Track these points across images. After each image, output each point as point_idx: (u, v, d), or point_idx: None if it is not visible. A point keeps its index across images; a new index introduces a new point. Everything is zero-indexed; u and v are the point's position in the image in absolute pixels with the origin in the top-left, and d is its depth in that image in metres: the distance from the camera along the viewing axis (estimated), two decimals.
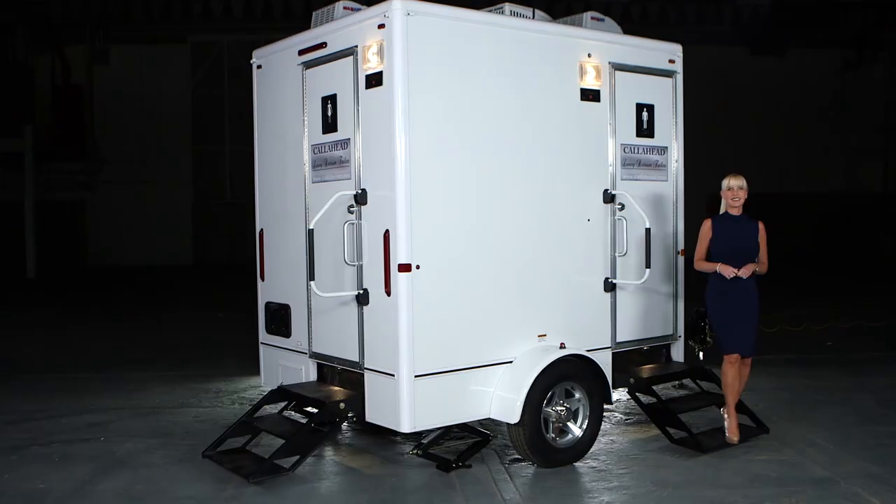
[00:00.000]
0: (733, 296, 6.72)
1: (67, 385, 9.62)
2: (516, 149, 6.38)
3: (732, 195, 6.72)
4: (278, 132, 7.14)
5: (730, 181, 6.74)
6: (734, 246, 6.72)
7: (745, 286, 6.72)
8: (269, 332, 7.31)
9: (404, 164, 5.81)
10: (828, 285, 20.87)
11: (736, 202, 6.73)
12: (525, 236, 6.44)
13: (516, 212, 6.37)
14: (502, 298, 6.31)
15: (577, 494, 5.80)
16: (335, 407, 6.13)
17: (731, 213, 6.78)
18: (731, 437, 6.76)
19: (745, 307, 6.75)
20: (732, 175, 6.75)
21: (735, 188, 6.70)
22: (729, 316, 6.76)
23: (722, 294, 6.75)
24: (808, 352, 11.49)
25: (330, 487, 6.00)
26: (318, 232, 6.29)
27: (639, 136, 7.17)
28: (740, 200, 6.72)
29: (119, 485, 6.06)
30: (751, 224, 6.80)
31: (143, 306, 18.06)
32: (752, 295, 6.80)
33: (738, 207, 6.75)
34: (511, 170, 6.36)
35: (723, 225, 6.79)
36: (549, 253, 6.57)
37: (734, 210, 6.77)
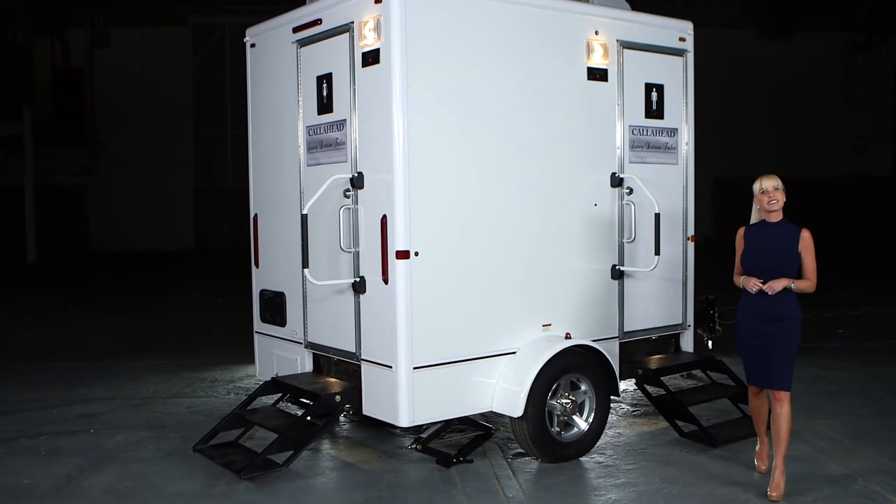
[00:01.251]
0: (758, 317, 5.56)
1: (61, 375, 9.39)
2: (520, 130, 6.10)
3: (768, 199, 5.53)
4: (273, 113, 6.87)
5: (762, 183, 5.57)
6: (766, 258, 5.56)
7: (779, 308, 5.49)
8: (263, 320, 7.06)
9: (402, 146, 5.54)
10: (836, 270, 20.56)
11: (773, 206, 5.53)
12: (529, 222, 6.16)
13: (520, 196, 6.10)
14: (505, 287, 6.04)
15: (582, 492, 5.55)
16: (331, 400, 5.88)
17: (768, 219, 5.63)
18: (758, 463, 5.91)
19: (773, 332, 5.50)
20: (766, 176, 5.60)
21: (770, 190, 5.52)
22: (749, 340, 5.64)
23: (746, 314, 5.67)
24: (819, 340, 11.21)
25: (325, 484, 5.76)
26: (312, 217, 6.03)
27: (648, 118, 6.89)
28: (778, 203, 5.53)
29: (106, 480, 5.83)
30: (791, 232, 5.55)
31: (143, 292, 17.83)
32: (785, 318, 5.50)
33: (778, 212, 5.57)
34: (514, 152, 6.08)
35: (757, 234, 5.66)
36: (554, 239, 6.30)
37: (773, 216, 5.59)
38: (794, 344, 5.54)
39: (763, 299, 5.51)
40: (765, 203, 5.58)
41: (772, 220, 5.61)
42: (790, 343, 5.52)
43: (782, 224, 5.59)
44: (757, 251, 5.61)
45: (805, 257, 5.51)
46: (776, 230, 5.58)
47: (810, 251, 5.54)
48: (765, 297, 5.49)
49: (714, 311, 8.37)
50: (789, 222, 5.60)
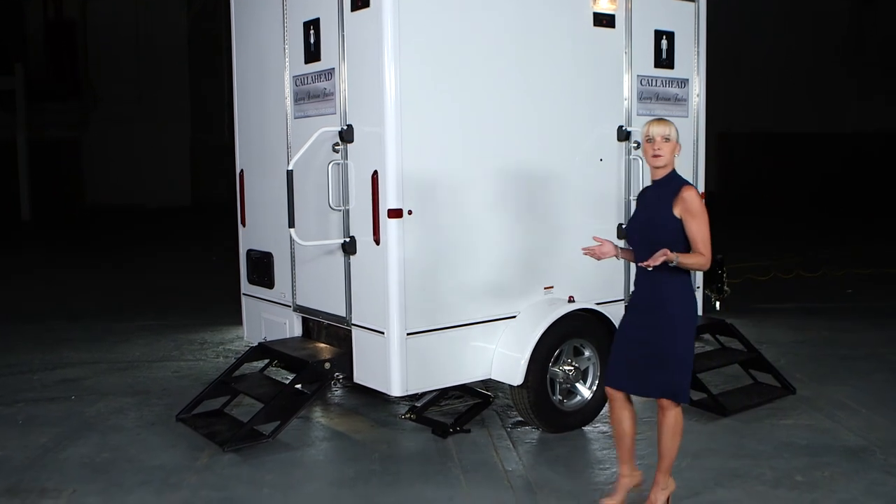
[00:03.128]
0: (636, 302, 4.45)
1: (46, 336, 9.09)
2: (520, 79, 5.69)
3: (653, 150, 4.29)
4: (258, 62, 6.45)
5: (650, 129, 4.32)
6: (641, 227, 4.41)
7: (658, 293, 4.28)
8: (250, 282, 6.72)
9: (394, 97, 5.13)
10: (842, 228, 20.21)
11: (658, 160, 4.29)
12: (530, 179, 5.78)
13: (520, 151, 5.70)
14: (504, 247, 5.68)
15: (586, 465, 5.25)
16: (320, 367, 5.56)
17: (653, 176, 4.41)
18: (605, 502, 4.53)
19: (649, 324, 4.31)
20: (655, 121, 4.37)
21: (657, 139, 4.27)
22: (623, 329, 4.51)
23: (631, 296, 4.61)
24: (828, 300, 10.90)
25: (314, 456, 5.46)
26: (299, 173, 5.65)
27: (657, 67, 6.46)
28: (664, 158, 4.27)
29: (84, 452, 5.52)
30: (669, 192, 4.26)
31: (137, 249, 17.53)
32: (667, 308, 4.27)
33: (664, 168, 4.31)
34: (514, 104, 5.67)
35: (642, 196, 4.60)
36: (557, 197, 5.92)
37: (658, 172, 4.35)
38: (682, 345, 4.29)
39: (642, 280, 4.37)
40: (648, 153, 4.33)
41: (657, 176, 4.37)
42: (675, 341, 4.27)
43: (667, 182, 4.33)
44: (636, 219, 4.51)
45: (688, 223, 4.18)
46: (658, 189, 4.36)
47: (694, 214, 4.18)
48: (644, 277, 4.34)
49: (722, 270, 8.02)
50: (675, 179, 4.33)
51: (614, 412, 4.52)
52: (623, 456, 4.54)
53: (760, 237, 18.23)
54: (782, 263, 13.31)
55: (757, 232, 19.19)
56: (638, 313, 4.39)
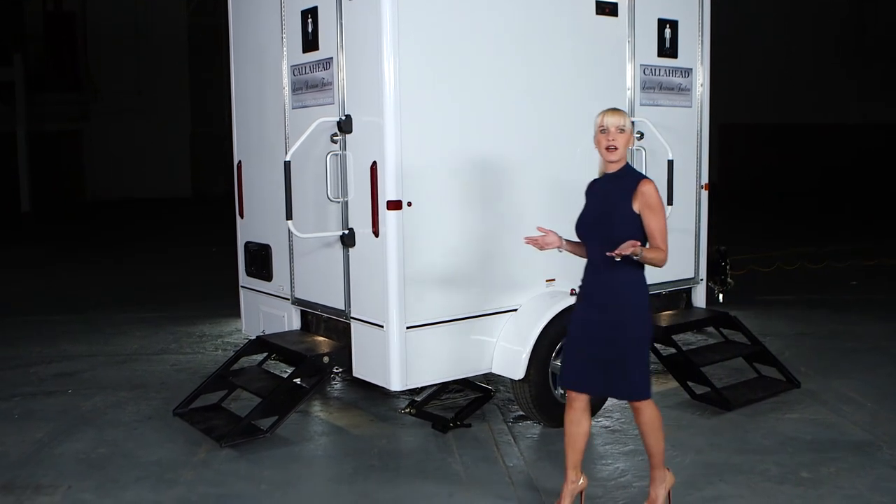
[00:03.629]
0: (591, 300, 4.22)
1: (44, 329, 9.02)
2: (522, 69, 5.60)
3: (607, 140, 4.11)
4: (256, 52, 6.36)
5: (604, 118, 4.12)
6: (595, 222, 4.20)
7: (618, 288, 4.12)
8: (249, 274, 6.65)
9: (393, 86, 5.04)
10: (843, 221, 20.10)
11: (612, 154, 4.11)
12: (531, 169, 5.69)
13: (521, 142, 5.61)
14: (505, 239, 5.59)
15: (588, 460, 5.15)
16: (318, 361, 5.48)
17: (606, 168, 4.25)
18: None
19: (608, 321, 4.11)
20: (609, 110, 4.15)
21: (611, 129, 4.09)
22: (575, 328, 4.28)
23: (581, 293, 4.34)
24: (832, 292, 10.80)
25: (312, 451, 5.38)
26: (298, 164, 5.57)
27: (660, 57, 6.38)
28: (618, 151, 4.10)
29: (79, 447, 5.45)
30: (626, 185, 4.10)
31: (136, 241, 17.46)
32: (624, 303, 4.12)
33: (619, 161, 4.14)
34: (515, 93, 5.58)
35: (593, 191, 4.36)
36: (560, 188, 5.82)
37: (612, 165, 4.17)
38: (641, 341, 4.16)
39: (597, 276, 4.19)
40: (602, 145, 4.13)
41: (610, 169, 4.20)
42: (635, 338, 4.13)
43: (621, 176, 4.17)
44: (589, 211, 4.27)
45: (647, 218, 4.03)
46: (612, 183, 4.19)
47: (654, 209, 4.03)
48: (600, 272, 4.15)
49: (726, 262, 7.96)
50: (630, 173, 4.19)
51: (573, 414, 4.23)
52: (573, 461, 4.28)
53: (762, 229, 18.13)
54: (786, 255, 13.21)
55: (759, 224, 19.09)
56: (595, 310, 4.16)
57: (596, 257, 4.15)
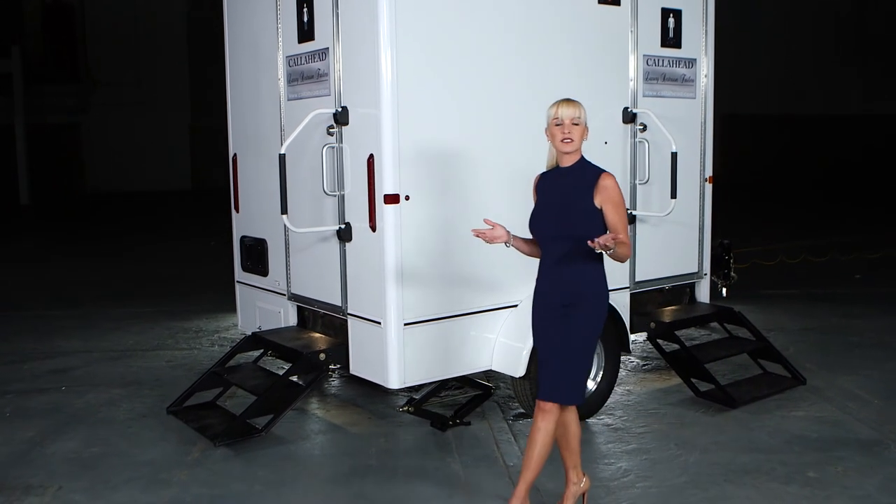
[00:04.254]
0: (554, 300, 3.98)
1: (40, 324, 8.92)
2: (522, 59, 5.46)
3: (562, 133, 3.94)
4: (251, 42, 6.22)
5: (558, 109, 3.95)
6: (554, 218, 3.99)
7: (583, 285, 3.94)
8: (244, 269, 6.53)
9: (391, 77, 4.91)
10: (847, 212, 19.97)
11: (567, 145, 3.93)
12: (531, 162, 5.53)
13: (522, 134, 5.47)
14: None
15: (590, 459, 5.05)
16: (314, 358, 5.36)
17: (560, 162, 4.05)
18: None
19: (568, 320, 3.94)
20: (564, 101, 3.98)
21: (566, 121, 3.92)
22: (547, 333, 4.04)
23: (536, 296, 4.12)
24: (836, 286, 10.69)
25: (308, 450, 5.28)
26: (293, 157, 5.45)
27: (664, 47, 6.24)
28: (574, 143, 3.93)
29: (71, 446, 5.34)
30: (585, 179, 3.94)
31: (135, 235, 17.36)
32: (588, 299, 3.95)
33: (574, 154, 3.97)
34: (515, 84, 5.45)
35: (546, 185, 4.11)
36: None
37: (567, 158, 3.99)
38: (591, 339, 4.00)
39: (557, 276, 3.97)
40: (557, 138, 3.96)
41: (565, 163, 4.01)
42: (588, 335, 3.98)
43: (577, 169, 3.99)
44: (545, 208, 4.05)
45: (610, 213, 3.88)
46: (568, 178, 4.00)
47: (616, 204, 3.89)
48: (561, 272, 3.96)
49: (729, 256, 7.83)
50: (587, 166, 4.00)
51: (548, 423, 4.00)
52: (572, 462, 4.19)
53: (763, 221, 18.00)
54: (789, 248, 13.09)
55: (760, 216, 18.96)
56: (555, 312, 3.96)
57: (554, 256, 3.96)
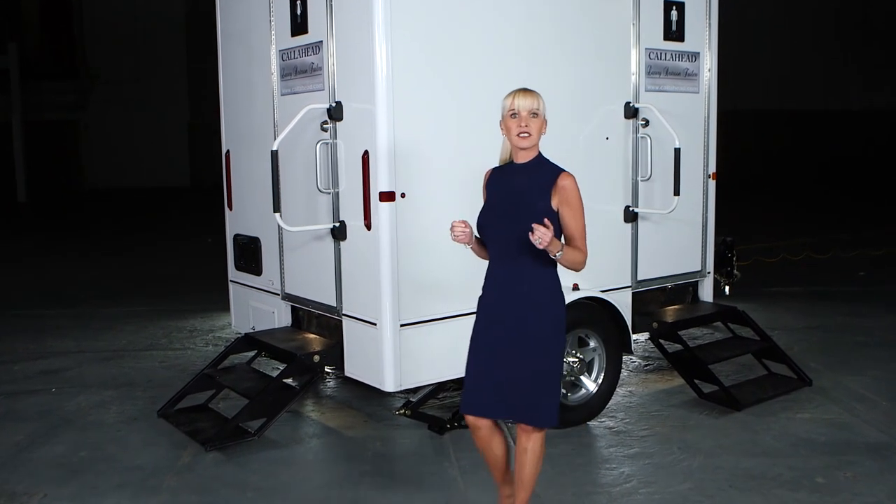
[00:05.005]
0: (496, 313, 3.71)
1: (33, 324, 8.78)
2: (521, 52, 5.32)
3: (518, 126, 3.63)
4: (243, 36, 6.08)
5: (515, 100, 3.64)
6: (507, 217, 3.65)
7: (533, 294, 3.64)
8: (238, 268, 6.40)
9: (386, 71, 4.77)
10: (849, 208, 19.83)
11: (523, 139, 3.64)
12: None
13: None
14: None
15: (591, 464, 4.93)
16: (308, 360, 5.23)
17: (515, 158, 3.75)
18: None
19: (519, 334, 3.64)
20: (521, 91, 3.68)
21: (523, 113, 3.62)
22: (478, 346, 3.76)
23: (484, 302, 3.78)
24: (839, 283, 10.55)
25: (302, 454, 5.14)
26: (287, 154, 5.32)
27: (666, 40, 6.09)
28: (531, 138, 3.64)
29: (59, 450, 5.20)
30: (543, 178, 3.66)
31: (133, 232, 17.23)
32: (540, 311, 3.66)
33: (531, 149, 3.70)
34: (515, 78, 5.23)
35: (500, 182, 3.80)
36: None
37: (523, 154, 3.71)
38: (556, 355, 3.71)
39: (507, 283, 3.67)
40: (513, 131, 3.66)
41: (521, 159, 3.72)
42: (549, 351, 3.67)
43: (535, 166, 3.71)
44: (497, 206, 3.72)
45: (567, 216, 3.61)
46: (524, 175, 3.70)
47: (574, 206, 3.62)
48: (508, 279, 3.67)
49: (732, 254, 7.70)
50: (545, 163, 3.72)
51: (481, 441, 3.80)
52: (502, 477, 3.93)
53: (764, 217, 17.86)
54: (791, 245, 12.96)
55: (762, 212, 18.82)
56: (505, 322, 3.65)
57: (505, 259, 3.66)
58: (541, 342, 3.65)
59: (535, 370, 3.64)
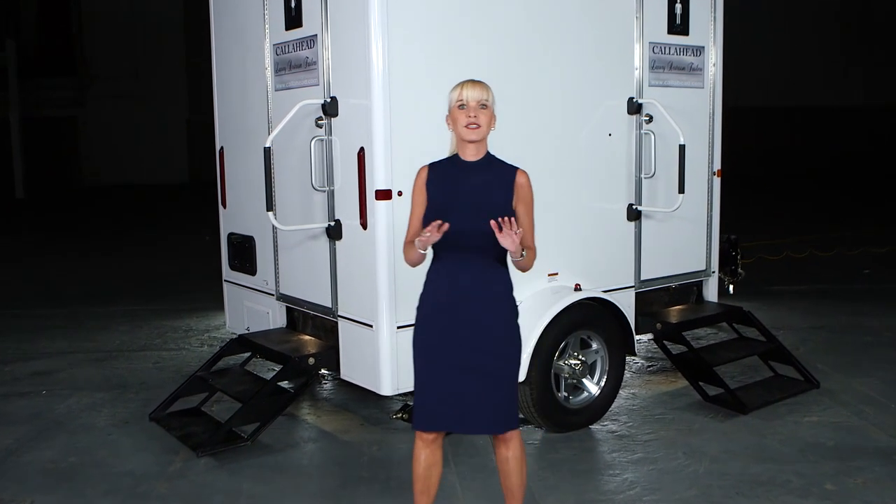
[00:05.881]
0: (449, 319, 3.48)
1: (26, 323, 8.65)
2: (522, 46, 5.18)
3: (468, 118, 3.44)
4: (237, 30, 5.94)
5: (463, 91, 3.45)
6: (461, 218, 3.40)
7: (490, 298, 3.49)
8: (232, 268, 6.26)
9: (382, 66, 4.63)
10: (851, 206, 19.69)
11: (472, 133, 3.44)
12: (532, 155, 5.26)
13: (520, 125, 5.19)
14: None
15: (594, 470, 4.79)
16: (303, 363, 5.09)
17: (462, 154, 3.54)
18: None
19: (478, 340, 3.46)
20: (469, 82, 3.49)
21: (472, 104, 3.43)
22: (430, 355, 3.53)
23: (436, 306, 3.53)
24: (844, 281, 10.41)
25: (297, 460, 5.00)
26: (281, 151, 5.19)
27: (671, 34, 5.95)
28: (481, 130, 3.45)
29: (48, 455, 5.07)
30: (500, 176, 3.52)
31: (130, 229, 17.12)
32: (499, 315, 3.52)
33: (481, 144, 3.51)
34: (514, 72, 5.16)
35: (446, 179, 3.53)
36: (561, 175, 5.43)
37: (472, 149, 3.51)
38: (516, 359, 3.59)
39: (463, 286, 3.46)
40: (460, 124, 3.46)
41: (470, 156, 3.51)
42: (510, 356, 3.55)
43: (487, 164, 3.52)
44: (450, 204, 3.46)
45: (522, 215, 3.51)
46: (477, 173, 3.50)
47: (530, 205, 3.53)
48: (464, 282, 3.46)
49: (736, 252, 7.56)
50: (497, 160, 3.55)
51: (425, 458, 3.61)
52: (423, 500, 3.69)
53: (766, 215, 17.72)
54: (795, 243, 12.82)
55: (764, 210, 18.68)
56: (461, 328, 3.45)
57: (458, 262, 3.46)
58: (504, 344, 3.52)
59: (502, 373, 3.51)
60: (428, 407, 3.53)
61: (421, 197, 3.56)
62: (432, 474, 3.68)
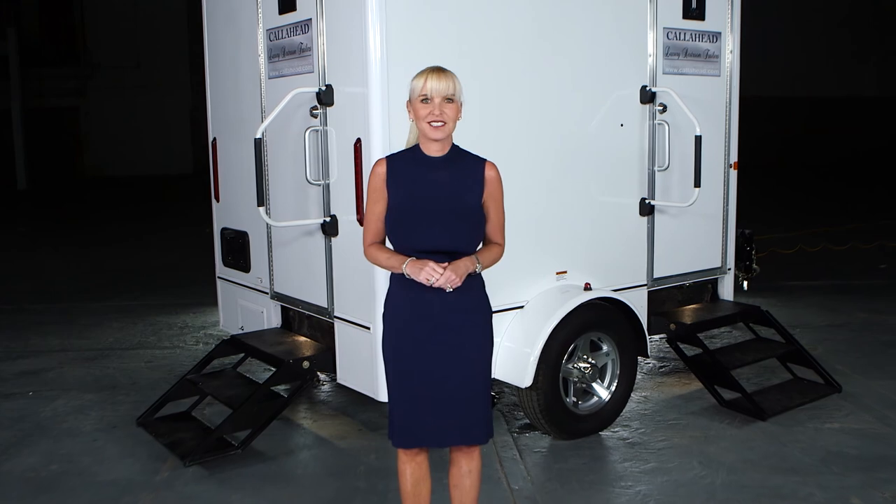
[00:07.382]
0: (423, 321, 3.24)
1: (16, 320, 8.41)
2: (529, 31, 4.88)
3: (431, 113, 3.14)
4: (230, 14, 5.66)
5: (427, 81, 3.14)
6: (428, 217, 3.18)
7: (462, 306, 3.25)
8: (225, 264, 6.00)
9: (380, 52, 4.34)
10: (864, 198, 19.34)
11: (436, 130, 3.15)
12: (539, 147, 4.99)
13: (527, 115, 4.90)
14: (509, 227, 4.89)
15: (604, 482, 4.51)
16: (297, 366, 4.82)
17: (426, 148, 3.25)
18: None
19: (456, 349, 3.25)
20: (433, 71, 3.18)
21: (436, 98, 3.13)
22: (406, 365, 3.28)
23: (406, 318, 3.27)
24: (859, 276, 10.11)
25: (290, 469, 4.73)
26: (275, 141, 4.92)
27: (686, 19, 5.64)
28: (447, 126, 3.16)
29: (30, 462, 4.82)
30: (468, 170, 3.28)
31: (131, 221, 16.89)
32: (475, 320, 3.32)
33: (446, 139, 3.23)
34: (521, 60, 4.87)
35: (409, 175, 3.24)
36: (571, 168, 5.14)
37: (436, 146, 3.23)
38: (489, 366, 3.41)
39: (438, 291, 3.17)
40: (423, 118, 3.16)
41: (434, 151, 3.23)
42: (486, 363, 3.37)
43: (455, 158, 3.26)
44: (417, 204, 3.19)
45: (492, 210, 3.30)
46: (444, 168, 3.23)
47: (499, 200, 3.31)
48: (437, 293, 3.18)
49: (751, 247, 7.26)
50: (465, 154, 3.30)
51: (411, 473, 3.44)
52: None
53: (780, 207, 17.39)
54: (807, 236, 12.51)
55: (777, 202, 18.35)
56: (436, 334, 3.22)
57: None
58: (479, 350, 3.33)
59: (477, 382, 3.32)
60: (404, 422, 3.32)
61: (379, 194, 3.26)
62: (421, 491, 3.47)
